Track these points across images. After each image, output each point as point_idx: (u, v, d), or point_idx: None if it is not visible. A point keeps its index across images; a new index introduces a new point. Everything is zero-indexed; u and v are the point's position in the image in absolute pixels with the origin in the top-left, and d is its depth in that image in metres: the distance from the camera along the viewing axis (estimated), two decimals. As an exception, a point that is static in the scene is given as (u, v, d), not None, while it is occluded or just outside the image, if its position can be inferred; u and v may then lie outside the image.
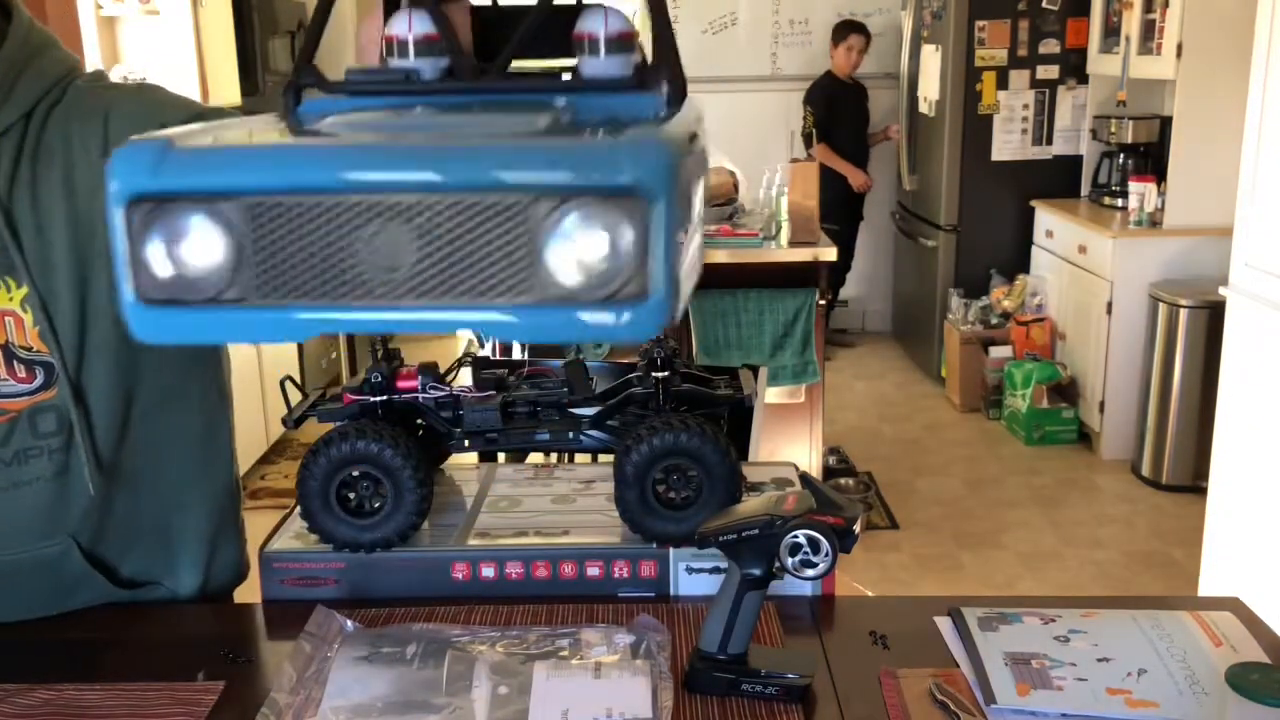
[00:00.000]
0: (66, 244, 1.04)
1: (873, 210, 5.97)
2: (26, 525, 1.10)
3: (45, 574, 1.13)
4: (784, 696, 0.98)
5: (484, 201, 0.46)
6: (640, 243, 0.45)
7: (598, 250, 0.45)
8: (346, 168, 0.47)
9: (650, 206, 0.45)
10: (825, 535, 0.95)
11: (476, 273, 0.47)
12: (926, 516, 3.85)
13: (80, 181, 1.04)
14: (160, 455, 1.17)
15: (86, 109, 1.06)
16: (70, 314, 1.06)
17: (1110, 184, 4.64)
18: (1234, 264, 2.76)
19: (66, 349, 1.06)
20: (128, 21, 4.03)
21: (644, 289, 0.46)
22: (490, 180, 0.46)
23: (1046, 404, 4.43)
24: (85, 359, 1.08)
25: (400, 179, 0.47)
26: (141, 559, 1.19)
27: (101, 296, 1.06)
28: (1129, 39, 4.30)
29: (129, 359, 1.10)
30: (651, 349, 1.20)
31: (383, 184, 0.47)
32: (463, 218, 0.46)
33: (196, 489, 1.22)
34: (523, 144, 0.48)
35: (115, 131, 1.05)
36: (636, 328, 0.47)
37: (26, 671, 1.04)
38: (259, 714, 0.94)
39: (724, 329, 3.50)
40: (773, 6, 5.94)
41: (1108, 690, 0.97)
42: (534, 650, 1.04)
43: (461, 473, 1.40)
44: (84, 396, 1.08)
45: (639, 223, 0.45)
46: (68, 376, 1.06)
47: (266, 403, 4.18)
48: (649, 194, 0.45)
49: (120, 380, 1.10)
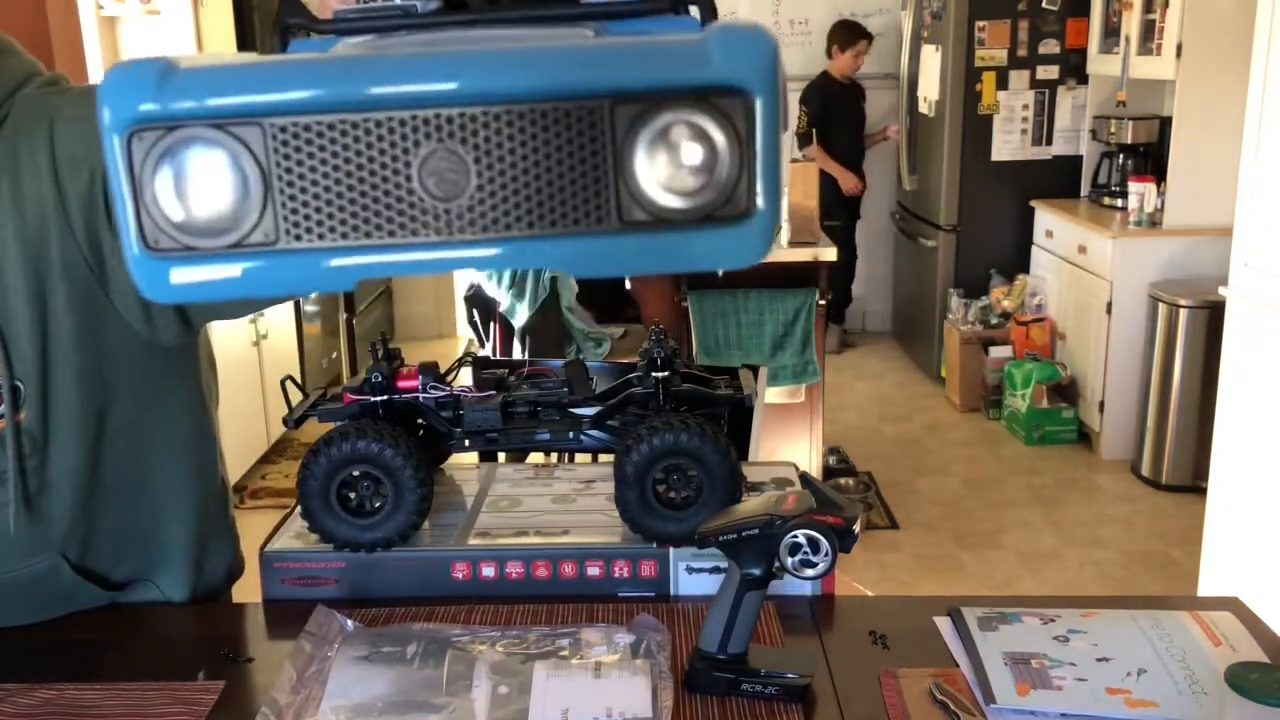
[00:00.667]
0: (19, 263, 1.01)
1: (873, 210, 5.96)
2: (12, 545, 1.09)
3: (37, 588, 1.12)
4: (784, 696, 0.98)
5: (556, 111, 0.39)
6: (742, 149, 0.39)
7: (692, 161, 0.39)
8: (391, 78, 0.40)
9: (752, 105, 0.39)
10: (825, 535, 0.95)
11: (548, 197, 0.40)
12: (926, 516, 3.85)
13: (29, 195, 1.00)
14: (143, 465, 1.15)
15: (31, 120, 1.02)
16: (29, 335, 1.02)
17: (1110, 184, 4.64)
18: (1233, 264, 2.76)
19: (28, 371, 1.03)
20: (128, 21, 4.03)
21: (749, 204, 0.40)
22: (563, 85, 0.39)
23: (1046, 404, 4.43)
24: (50, 379, 1.04)
25: (456, 89, 0.39)
26: (131, 566, 1.19)
27: (61, 314, 1.03)
28: (1129, 39, 4.30)
29: (97, 376, 1.07)
30: (651, 349, 1.21)
31: (435, 96, 0.39)
32: (531, 132, 0.39)
33: (183, 495, 1.20)
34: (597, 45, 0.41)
35: (61, 137, 1.00)
36: (741, 251, 0.40)
37: (27, 671, 1.04)
38: (259, 714, 0.94)
39: (724, 329, 3.50)
40: (773, 6, 5.94)
41: (1107, 690, 0.97)
42: (534, 650, 1.04)
43: (462, 472, 1.41)
44: (50, 418, 1.06)
45: (740, 125, 0.39)
46: (14, 401, 1.02)
47: (267, 402, 4.18)
48: (750, 89, 0.39)
49: (90, 397, 1.07)
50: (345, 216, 0.41)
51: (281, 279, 0.43)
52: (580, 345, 3.51)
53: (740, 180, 0.40)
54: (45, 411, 1.05)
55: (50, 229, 1.01)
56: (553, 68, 0.39)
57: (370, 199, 0.41)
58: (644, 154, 0.40)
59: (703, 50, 0.39)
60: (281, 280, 0.43)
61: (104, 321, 1.05)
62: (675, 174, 0.40)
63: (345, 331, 5.17)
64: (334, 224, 0.41)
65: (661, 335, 1.21)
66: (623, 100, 0.39)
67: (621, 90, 0.39)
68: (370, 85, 0.40)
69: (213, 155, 0.41)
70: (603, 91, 0.39)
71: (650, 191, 0.40)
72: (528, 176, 0.40)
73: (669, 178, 0.40)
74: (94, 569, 1.15)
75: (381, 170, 0.40)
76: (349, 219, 0.41)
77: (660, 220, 0.40)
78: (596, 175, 0.40)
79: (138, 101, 0.41)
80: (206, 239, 0.42)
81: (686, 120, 0.39)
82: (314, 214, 0.41)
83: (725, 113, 0.39)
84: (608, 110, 0.39)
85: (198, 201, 0.42)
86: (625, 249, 0.41)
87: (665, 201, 0.40)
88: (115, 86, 0.42)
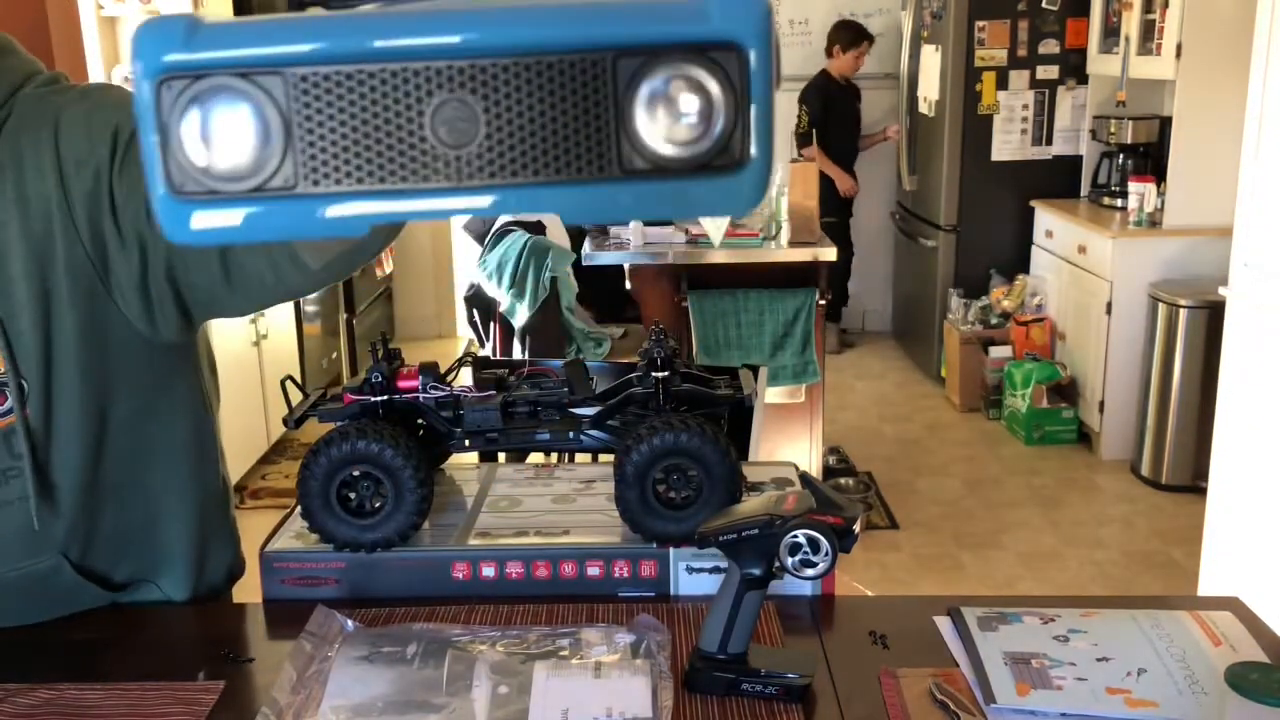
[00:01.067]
0: (23, 260, 1.01)
1: (872, 210, 5.97)
2: (13, 544, 1.09)
3: (38, 588, 1.12)
4: (784, 696, 0.98)
5: (561, 63, 0.42)
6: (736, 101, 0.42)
7: (689, 112, 0.41)
8: (405, 32, 0.42)
9: (746, 59, 0.41)
10: (825, 535, 0.95)
11: (553, 145, 0.43)
12: (926, 516, 3.85)
13: (33, 194, 1.01)
14: (143, 464, 1.15)
15: (35, 119, 1.03)
16: (32, 332, 1.03)
17: (1110, 184, 4.64)
18: (1233, 264, 2.76)
19: (31, 368, 1.04)
20: (129, 22, 4.03)
21: (743, 154, 0.42)
22: (568, 39, 0.41)
23: (1046, 404, 4.43)
24: (53, 376, 1.05)
25: (466, 42, 0.42)
26: (132, 566, 1.19)
27: (65, 311, 1.03)
28: (1128, 39, 4.30)
29: (99, 373, 1.07)
30: (651, 349, 1.21)
31: (447, 49, 0.42)
32: (538, 83, 0.42)
33: (183, 494, 1.20)
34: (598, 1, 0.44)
35: (66, 136, 1.02)
36: (735, 198, 0.43)
37: (27, 671, 1.04)
38: (259, 714, 0.94)
39: (724, 329, 3.50)
40: (773, 6, 5.94)
41: (1107, 690, 0.97)
42: (534, 650, 1.04)
43: (462, 472, 1.41)
44: (52, 415, 1.06)
45: (735, 78, 0.41)
46: (21, 398, 1.03)
47: (267, 402, 4.18)
48: (745, 44, 0.41)
49: (92, 395, 1.08)
50: (361, 163, 0.43)
51: (299, 223, 0.45)
52: (580, 345, 3.51)
53: (735, 131, 0.42)
54: (48, 408, 1.06)
55: (54, 226, 1.01)
56: (558, 23, 0.42)
57: (385, 146, 0.43)
58: (644, 105, 0.42)
59: (701, 7, 0.41)
60: (299, 224, 0.45)
61: (106, 319, 1.06)
62: (673, 124, 0.42)
63: (345, 331, 5.17)
64: (350, 169, 0.43)
65: (661, 335, 1.21)
66: (624, 54, 0.41)
67: (623, 44, 0.41)
68: (387, 37, 0.42)
69: (237, 103, 0.43)
70: (605, 45, 0.41)
71: (650, 141, 0.42)
72: (534, 125, 0.42)
73: (667, 128, 0.42)
74: (95, 569, 1.15)
75: (396, 119, 0.43)
76: (365, 165, 0.43)
77: (659, 169, 0.43)
78: (599, 125, 0.42)
79: (167, 52, 0.43)
80: (229, 183, 0.44)
81: (684, 73, 0.41)
82: (331, 160, 0.44)
83: (721, 66, 0.41)
84: (610, 63, 0.41)
85: (221, 147, 0.44)
86: (625, 195, 0.43)
87: (664, 150, 0.42)
88: (146, 39, 0.43)
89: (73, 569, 1.12)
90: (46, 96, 1.05)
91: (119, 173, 1.01)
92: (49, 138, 1.02)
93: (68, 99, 1.05)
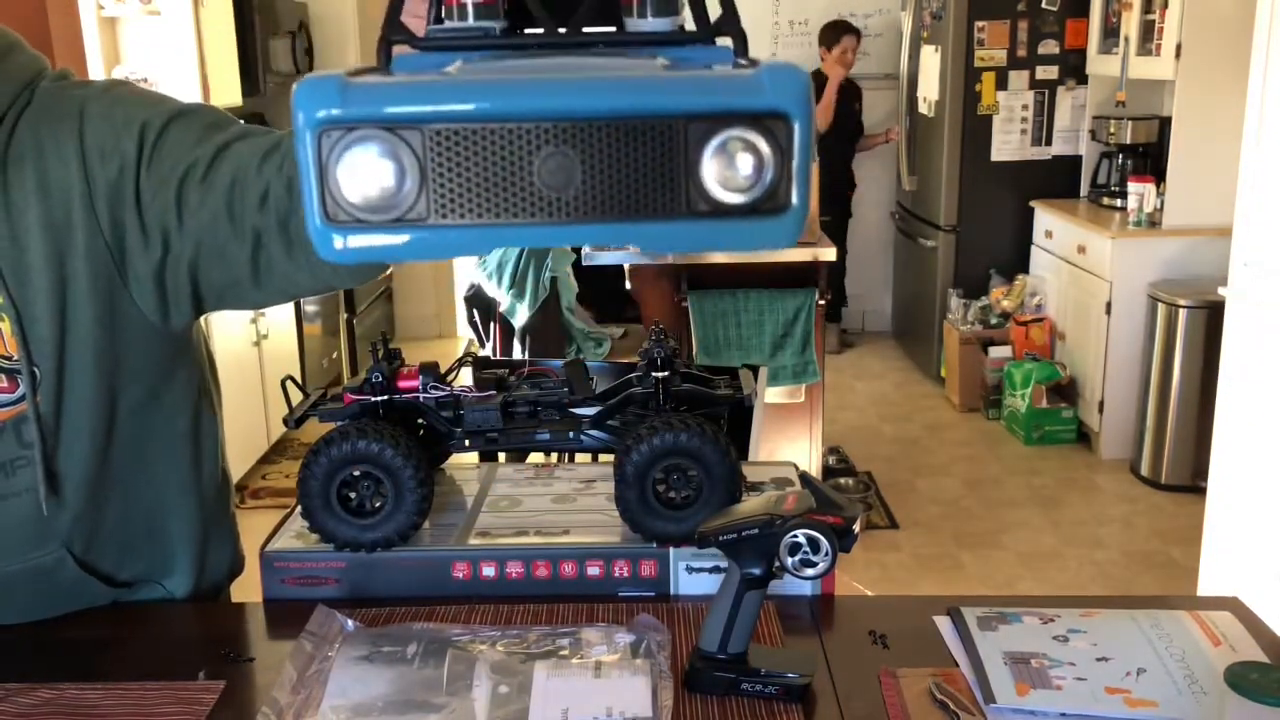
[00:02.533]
0: (43, 247, 1.02)
1: (872, 210, 5.97)
2: (18, 537, 1.09)
3: (40, 583, 1.12)
4: (784, 696, 0.98)
5: (643, 125, 0.52)
6: (782, 160, 0.51)
7: (745, 168, 0.51)
8: (519, 96, 0.52)
9: (792, 126, 0.51)
10: (825, 535, 0.95)
11: (634, 190, 0.53)
12: (926, 516, 3.85)
13: (55, 182, 1.02)
14: (147, 456, 1.16)
15: (58, 110, 1.04)
16: (48, 319, 1.04)
17: (1109, 184, 4.64)
18: (1233, 264, 2.76)
19: (45, 356, 1.04)
20: (129, 22, 4.04)
21: (786, 201, 0.52)
22: (650, 106, 0.51)
23: (1046, 404, 4.43)
24: (66, 364, 1.05)
25: (569, 106, 0.52)
26: (135, 561, 1.19)
27: (82, 300, 1.04)
28: (1128, 39, 4.30)
29: (111, 362, 1.08)
30: (651, 349, 1.21)
31: (553, 111, 0.52)
32: (625, 141, 0.52)
33: (184, 487, 1.21)
34: (675, 75, 0.54)
35: (91, 128, 1.03)
36: (779, 236, 0.53)
37: (28, 671, 1.04)
38: (259, 714, 0.94)
39: (724, 329, 3.50)
40: (773, 6, 5.94)
41: (1107, 689, 0.97)
42: (534, 649, 1.04)
43: (462, 472, 1.41)
44: (63, 404, 1.06)
45: (782, 140, 0.51)
46: (33, 385, 1.04)
47: (267, 402, 4.18)
48: (791, 114, 0.51)
49: (103, 384, 1.08)
50: (481, 201, 0.53)
51: (429, 248, 0.55)
52: (580, 345, 3.51)
53: (780, 182, 0.52)
54: (59, 397, 1.06)
55: (75, 215, 1.02)
56: (641, 92, 0.52)
57: (500, 188, 0.53)
58: (709, 161, 0.52)
59: (756, 82, 0.51)
60: (428, 249, 0.55)
61: (120, 309, 1.07)
62: (732, 176, 0.52)
63: (345, 331, 5.17)
64: (472, 206, 0.53)
65: (661, 335, 1.21)
66: (694, 119, 0.52)
67: (694, 112, 0.52)
68: (504, 101, 0.52)
69: (382, 151, 0.53)
70: (679, 112, 0.52)
71: (712, 190, 0.53)
72: (620, 175, 0.52)
73: (726, 179, 0.52)
74: (98, 564, 1.15)
75: (510, 166, 0.53)
76: (483, 203, 0.53)
77: (718, 210, 0.53)
78: (671, 175, 0.52)
79: (324, 107, 0.53)
80: (374, 215, 0.54)
81: (742, 136, 0.52)
82: (458, 198, 0.53)
83: (772, 131, 0.51)
84: (682, 127, 0.52)
85: (369, 186, 0.53)
86: (691, 232, 0.53)
87: (723, 198, 0.52)
88: (306, 95, 0.53)
89: (76, 563, 1.12)
90: (67, 89, 1.07)
91: (147, 168, 1.02)
92: (73, 128, 1.03)
93: (90, 91, 1.07)
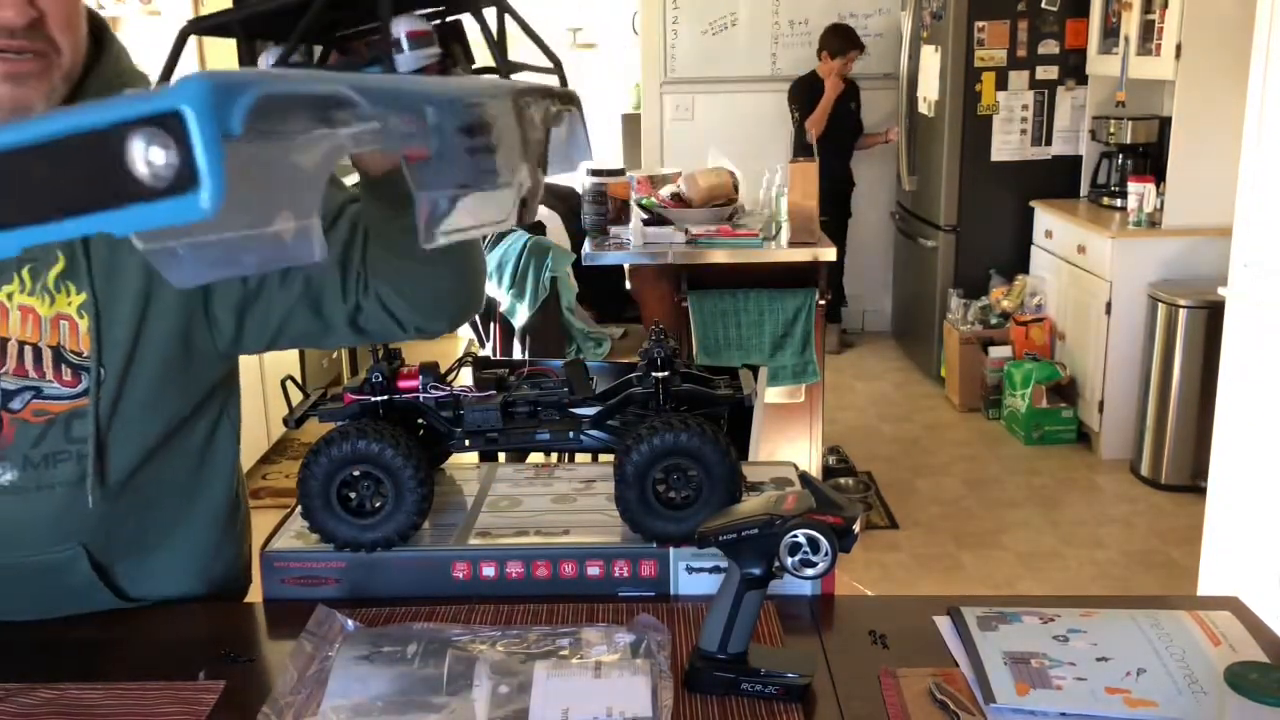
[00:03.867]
0: (139, 255, 1.04)
1: (872, 210, 5.97)
2: (44, 528, 1.10)
3: (51, 580, 1.13)
4: (784, 696, 0.98)
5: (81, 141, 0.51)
6: (184, 148, 0.51)
7: (158, 158, 0.51)
8: None
9: (185, 120, 0.51)
10: (825, 535, 0.95)
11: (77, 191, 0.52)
12: (926, 516, 3.85)
13: None
14: (166, 468, 1.17)
15: None
16: (127, 321, 1.07)
17: (1109, 184, 4.64)
18: (1233, 264, 2.76)
19: (114, 359, 1.07)
20: (129, 22, 4.03)
21: (196, 180, 0.52)
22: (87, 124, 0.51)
23: (1046, 404, 4.43)
24: (132, 367, 1.08)
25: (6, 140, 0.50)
26: (145, 570, 1.19)
27: (162, 312, 1.08)
28: (1128, 39, 4.30)
29: (172, 376, 1.12)
30: (651, 349, 1.21)
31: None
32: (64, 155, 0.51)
33: (196, 502, 1.22)
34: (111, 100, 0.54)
35: None
36: (184, 210, 0.52)
37: (28, 671, 1.04)
38: (259, 714, 0.94)
39: (724, 329, 3.50)
40: (772, 7, 5.94)
41: (1107, 689, 0.97)
42: (534, 649, 1.04)
43: (462, 472, 1.41)
44: (119, 407, 1.09)
45: (179, 134, 0.51)
46: (97, 384, 1.07)
47: (267, 402, 4.18)
48: (183, 114, 0.51)
49: (159, 396, 1.11)
50: None
51: None
52: (580, 345, 3.51)
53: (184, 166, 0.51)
54: (117, 400, 1.09)
55: None
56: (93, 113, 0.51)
57: None
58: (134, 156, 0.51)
59: (162, 92, 0.50)
60: None
61: (195, 328, 1.12)
62: (151, 164, 0.51)
63: (345, 332, 5.16)
64: None
65: (661, 335, 1.21)
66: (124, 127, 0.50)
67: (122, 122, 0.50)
68: None
69: None
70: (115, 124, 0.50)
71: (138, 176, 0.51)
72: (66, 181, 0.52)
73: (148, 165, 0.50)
74: (109, 569, 1.16)
75: None
76: None
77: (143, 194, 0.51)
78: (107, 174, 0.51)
79: None
80: None
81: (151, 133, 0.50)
82: None
83: (168, 126, 0.50)
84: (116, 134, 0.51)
85: None
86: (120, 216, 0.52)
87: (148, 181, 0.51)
88: None
89: (89, 564, 1.13)
90: None
91: None
92: None
93: None
